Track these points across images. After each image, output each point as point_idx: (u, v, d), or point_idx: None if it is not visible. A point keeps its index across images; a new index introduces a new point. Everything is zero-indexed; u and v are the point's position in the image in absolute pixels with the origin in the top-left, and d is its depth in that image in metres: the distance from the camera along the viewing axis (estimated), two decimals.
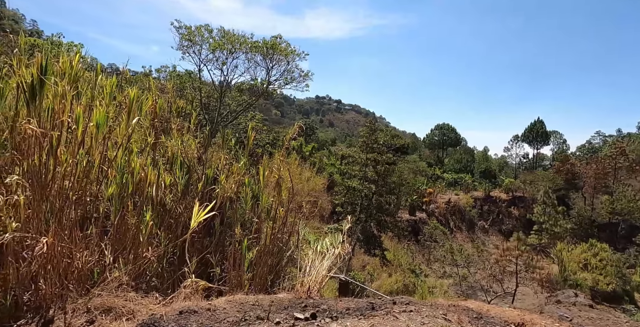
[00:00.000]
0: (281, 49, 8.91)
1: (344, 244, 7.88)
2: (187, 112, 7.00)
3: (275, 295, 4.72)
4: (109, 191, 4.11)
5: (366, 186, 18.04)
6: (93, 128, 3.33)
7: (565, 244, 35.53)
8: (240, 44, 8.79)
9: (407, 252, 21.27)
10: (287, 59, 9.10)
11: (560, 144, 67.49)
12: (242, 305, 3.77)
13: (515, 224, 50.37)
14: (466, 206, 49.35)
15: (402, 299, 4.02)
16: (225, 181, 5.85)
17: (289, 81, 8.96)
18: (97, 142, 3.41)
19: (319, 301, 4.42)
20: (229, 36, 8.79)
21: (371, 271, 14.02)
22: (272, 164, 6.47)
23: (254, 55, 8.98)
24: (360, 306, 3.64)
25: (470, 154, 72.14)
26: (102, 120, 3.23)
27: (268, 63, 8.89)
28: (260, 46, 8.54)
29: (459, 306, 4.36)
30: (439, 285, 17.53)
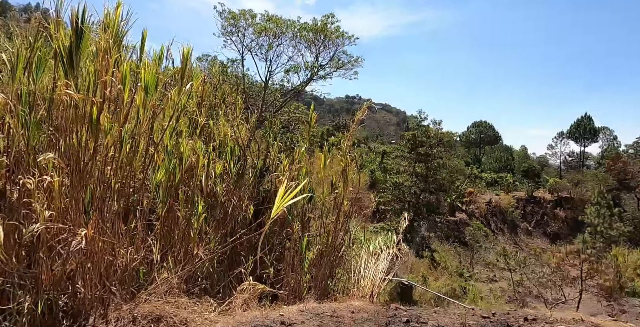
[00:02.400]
0: (331, 31, 8.17)
1: (402, 246, 7.02)
2: (233, 100, 6.37)
3: (350, 303, 3.99)
4: (156, 177, 3.47)
5: (415, 182, 17.04)
6: (140, 94, 2.66)
7: (621, 248, 33.02)
8: (287, 27, 8.11)
9: (455, 254, 20.06)
10: (336, 43, 8.35)
11: (611, 141, 63.27)
12: (319, 317, 3.06)
13: (562, 227, 47.54)
14: (508, 206, 46.94)
15: (528, 313, 3.17)
16: (284, 169, 5.18)
17: (340, 65, 8.19)
18: (146, 113, 2.74)
19: (407, 311, 3.65)
20: (274, 19, 8.14)
21: (425, 274, 13.07)
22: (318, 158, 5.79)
23: (300, 41, 8.28)
24: (481, 323, 2.84)
25: (509, 153, 69.02)
26: (151, 83, 2.57)
27: (317, 46, 8.14)
28: (310, 28, 7.82)
29: (589, 322, 3.46)
30: (490, 290, 16.28)
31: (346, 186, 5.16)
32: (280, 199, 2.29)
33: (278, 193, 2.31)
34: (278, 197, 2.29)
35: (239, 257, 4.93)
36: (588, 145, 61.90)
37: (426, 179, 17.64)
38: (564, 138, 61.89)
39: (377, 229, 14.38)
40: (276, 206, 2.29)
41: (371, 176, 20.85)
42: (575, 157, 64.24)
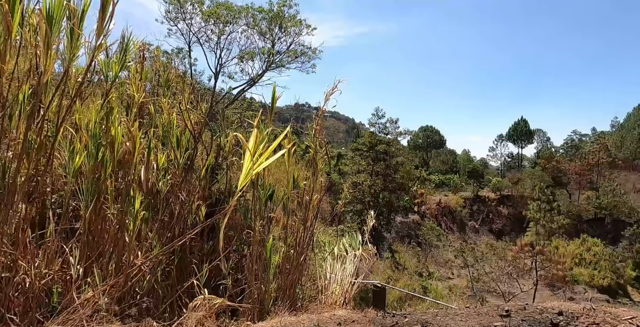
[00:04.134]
0: (287, 18, 7.55)
1: (369, 247, 6.49)
2: (180, 89, 5.52)
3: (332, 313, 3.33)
4: (75, 164, 2.61)
5: (374, 181, 16.75)
6: (42, 26, 1.81)
7: (560, 240, 35.30)
8: (239, 12, 7.37)
9: (413, 254, 20.09)
10: (293, 31, 7.74)
11: (544, 142, 68.24)
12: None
13: (505, 223, 50.16)
14: (456, 206, 48.80)
15: (550, 308, 2.73)
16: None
17: (298, 54, 7.58)
18: (50, 58, 1.88)
19: (407, 317, 3.07)
20: (225, 4, 7.37)
21: (392, 275, 12.70)
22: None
23: (254, 29, 7.57)
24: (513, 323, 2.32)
25: (454, 156, 72.20)
26: (57, 8, 1.74)
27: (273, 34, 7.48)
28: (265, 11, 7.15)
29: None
30: (449, 287, 16.36)
31: (316, 176, 4.51)
32: (251, 158, 1.58)
33: (249, 144, 1.62)
34: (248, 156, 1.59)
35: (190, 267, 4.10)
36: (525, 146, 66.41)
37: (385, 177, 17.48)
38: (503, 140, 65.83)
39: (339, 231, 13.89)
40: (246, 167, 1.59)
41: (327, 179, 20.36)
42: (513, 157, 68.49)
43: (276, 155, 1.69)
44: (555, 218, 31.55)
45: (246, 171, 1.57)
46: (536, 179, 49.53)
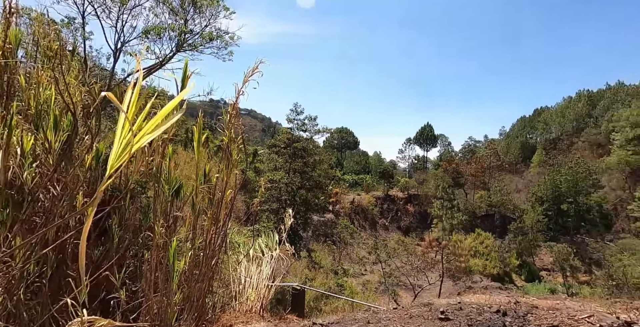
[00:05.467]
0: None
1: (284, 245, 6.10)
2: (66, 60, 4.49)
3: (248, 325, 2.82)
4: None
5: (292, 179, 16.28)
6: None
7: (459, 235, 38.69)
8: None
9: (329, 252, 20.18)
10: (209, 13, 6.98)
11: (446, 146, 74.66)
12: None
13: (412, 220, 53.63)
14: (368, 205, 50.91)
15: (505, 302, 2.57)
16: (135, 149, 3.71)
17: (214, 37, 6.84)
18: None
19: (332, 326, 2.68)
20: None
21: (310, 275, 12.40)
22: None
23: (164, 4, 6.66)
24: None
25: (366, 157, 75.53)
26: None
27: (186, 12, 6.65)
28: None
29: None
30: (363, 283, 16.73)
31: (230, 169, 3.94)
32: (129, 123, 1.02)
33: (124, 103, 1.06)
34: (122, 120, 1.02)
35: (68, 281, 3.26)
36: (429, 149, 72.08)
37: (303, 175, 17.22)
38: (411, 143, 70.59)
39: (254, 231, 13.28)
40: (120, 136, 1.03)
41: (242, 177, 19.43)
42: (419, 160, 73.85)
43: (171, 120, 1.15)
44: (456, 215, 34.64)
45: (121, 143, 1.02)
46: (439, 179, 53.70)
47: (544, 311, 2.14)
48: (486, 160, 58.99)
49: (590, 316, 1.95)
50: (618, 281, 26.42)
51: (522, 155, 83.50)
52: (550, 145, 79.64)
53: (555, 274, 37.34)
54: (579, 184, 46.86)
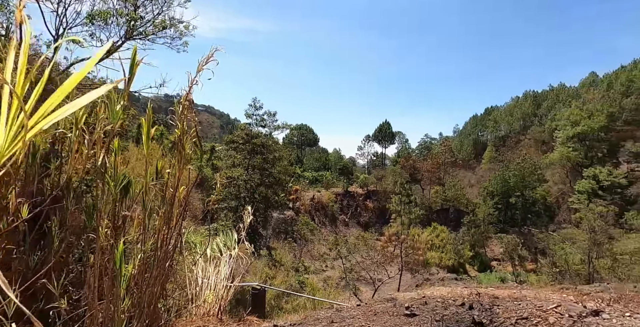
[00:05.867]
0: None
1: (246, 245, 5.89)
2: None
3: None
4: None
5: (251, 176, 15.82)
6: None
7: (416, 229, 39.81)
8: None
9: (289, 249, 19.99)
10: None
11: (404, 143, 76.52)
12: None
13: (371, 216, 54.53)
14: (328, 201, 51.11)
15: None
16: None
17: (167, 25, 6.42)
18: None
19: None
20: None
21: (270, 274, 12.14)
22: None
23: None
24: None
25: (326, 154, 75.92)
26: None
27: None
28: None
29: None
30: (324, 280, 16.73)
31: (182, 163, 3.67)
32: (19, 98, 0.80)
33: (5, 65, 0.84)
34: (6, 93, 0.79)
35: None
36: (387, 146, 73.59)
37: (262, 172, 16.82)
38: (369, 140, 71.72)
39: (212, 230, 12.81)
40: (5, 118, 0.80)
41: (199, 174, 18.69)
42: (378, 156, 75.25)
43: (89, 98, 0.93)
44: (413, 210, 35.48)
45: (10, 127, 0.79)
46: (397, 175, 54.98)
47: (509, 302, 2.12)
48: (441, 157, 61.08)
49: (558, 306, 1.95)
50: (561, 268, 28.27)
51: (474, 152, 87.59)
52: (500, 143, 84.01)
53: (505, 264, 39.43)
54: (525, 178, 49.71)
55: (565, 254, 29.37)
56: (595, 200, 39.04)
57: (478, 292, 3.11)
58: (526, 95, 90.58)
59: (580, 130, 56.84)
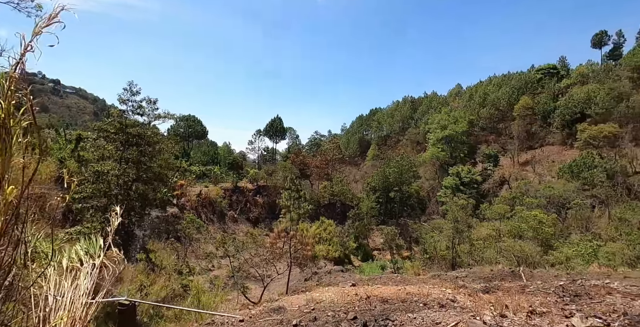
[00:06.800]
0: None
1: (113, 251, 4.96)
2: None
3: None
4: None
5: (125, 170, 13.68)
6: None
7: (305, 223, 40.66)
8: None
9: (172, 251, 18.26)
10: None
11: (294, 139, 77.50)
12: None
13: (261, 211, 54.04)
14: (217, 197, 49.09)
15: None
16: None
17: None
18: None
19: None
20: None
21: (144, 281, 10.71)
22: None
23: None
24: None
25: (215, 147, 72.88)
26: None
27: None
28: None
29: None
30: (210, 281, 15.72)
31: (9, 154, 2.73)
32: None
33: None
34: None
35: None
36: (278, 141, 73.74)
37: (139, 166, 14.80)
38: (261, 135, 70.95)
39: (73, 235, 10.83)
40: None
41: (61, 167, 15.68)
42: (269, 151, 74.94)
43: None
44: (302, 205, 36.06)
45: None
46: (287, 171, 55.41)
47: (402, 315, 1.91)
48: (330, 154, 63.49)
49: (457, 324, 1.80)
50: (430, 254, 31.69)
51: (359, 149, 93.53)
52: (382, 142, 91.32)
53: (384, 253, 42.81)
54: (403, 175, 54.72)
55: (434, 241, 33.05)
56: (458, 194, 44.73)
57: (367, 295, 2.87)
58: (405, 100, 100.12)
59: (447, 134, 64.86)
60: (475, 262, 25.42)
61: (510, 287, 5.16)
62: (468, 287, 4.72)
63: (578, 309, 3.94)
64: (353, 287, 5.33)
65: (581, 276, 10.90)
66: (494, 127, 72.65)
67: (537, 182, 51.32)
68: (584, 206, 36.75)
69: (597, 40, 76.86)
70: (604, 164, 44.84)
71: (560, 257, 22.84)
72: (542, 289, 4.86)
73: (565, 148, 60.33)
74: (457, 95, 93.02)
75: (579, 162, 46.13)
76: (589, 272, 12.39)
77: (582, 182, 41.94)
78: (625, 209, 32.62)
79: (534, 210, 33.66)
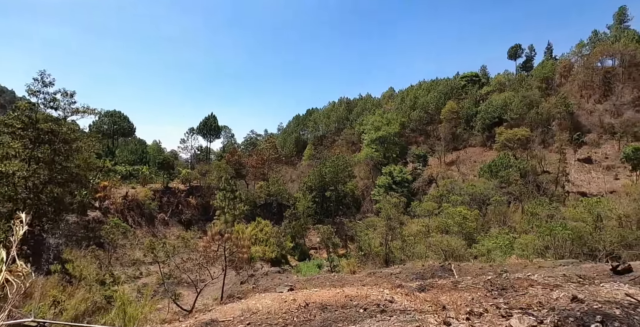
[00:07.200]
0: None
1: (18, 264, 4.35)
2: None
3: None
4: None
5: (35, 171, 11.97)
6: None
7: (241, 224, 39.75)
8: None
9: (93, 259, 16.56)
10: None
11: (230, 138, 75.39)
12: None
13: (194, 213, 51.84)
14: (145, 199, 46.17)
15: None
16: None
17: None
18: None
19: None
20: None
21: (57, 295, 9.54)
22: None
23: None
24: None
25: (144, 146, 68.61)
26: None
27: None
28: None
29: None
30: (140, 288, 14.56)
31: None
32: None
33: None
34: None
35: None
36: (213, 140, 71.24)
37: (52, 166, 13.09)
38: (194, 133, 68.07)
39: None
40: None
41: None
42: (202, 150, 72.18)
43: None
44: (238, 206, 35.13)
45: None
46: (222, 170, 53.72)
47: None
48: (266, 153, 62.79)
49: None
50: (365, 251, 32.57)
51: (296, 149, 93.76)
52: (318, 142, 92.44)
53: (321, 251, 43.27)
54: (338, 174, 55.73)
55: (369, 239, 34.03)
56: (391, 193, 46.51)
57: (306, 302, 2.71)
58: (341, 101, 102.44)
59: (381, 135, 67.36)
60: (407, 257, 26.55)
61: (444, 284, 5.40)
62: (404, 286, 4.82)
63: (505, 302, 4.19)
64: (291, 292, 5.17)
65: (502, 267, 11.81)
66: (423, 129, 77.03)
67: (461, 180, 55.22)
68: (501, 202, 40.23)
69: (512, 53, 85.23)
70: (518, 164, 49.55)
71: (482, 250, 24.68)
72: (472, 284, 5.13)
73: (485, 149, 65.65)
74: (390, 98, 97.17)
75: (497, 163, 50.40)
76: (508, 263, 13.49)
77: (500, 181, 45.89)
78: (535, 204, 36.19)
79: (458, 206, 36.09)
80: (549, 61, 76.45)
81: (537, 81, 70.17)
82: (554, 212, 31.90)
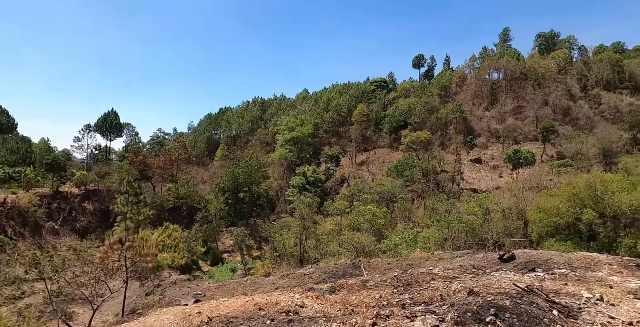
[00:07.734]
0: None
1: None
2: None
3: None
4: None
5: None
6: None
7: (146, 230, 37.03)
8: None
9: None
10: None
11: (133, 136, 69.60)
12: None
13: (91, 220, 46.98)
14: (29, 206, 40.52)
15: None
16: None
17: None
18: None
19: None
20: None
21: None
22: None
23: None
24: None
25: (28, 144, 60.21)
26: None
27: None
28: None
29: None
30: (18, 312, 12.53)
31: None
32: None
33: None
34: None
35: None
36: (114, 139, 65.06)
37: None
38: (91, 131, 61.47)
39: None
40: None
41: None
42: (101, 150, 65.58)
43: None
44: (142, 210, 32.55)
45: None
46: (124, 172, 49.56)
47: None
48: (175, 153, 59.42)
49: None
50: (280, 252, 32.51)
51: (207, 149, 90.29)
52: (231, 142, 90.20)
53: (235, 254, 42.17)
54: (252, 175, 54.89)
55: (283, 239, 34.06)
56: (305, 193, 47.16)
57: (210, 316, 2.57)
58: (255, 101, 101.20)
59: (294, 135, 68.16)
60: (321, 255, 27.10)
61: (353, 284, 5.57)
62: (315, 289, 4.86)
63: (411, 297, 4.45)
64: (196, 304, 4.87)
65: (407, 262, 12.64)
66: (336, 131, 79.87)
67: (371, 180, 58.36)
68: (406, 199, 43.45)
69: (416, 62, 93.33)
70: (421, 164, 54.07)
71: (390, 245, 26.27)
72: (380, 282, 5.38)
73: (392, 150, 70.35)
74: (304, 99, 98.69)
75: (403, 163, 54.29)
76: (413, 257, 14.53)
77: (405, 179, 49.58)
78: (435, 200, 39.72)
79: (368, 205, 38.02)
80: (447, 72, 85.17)
81: (437, 89, 77.84)
82: (451, 207, 35.38)
